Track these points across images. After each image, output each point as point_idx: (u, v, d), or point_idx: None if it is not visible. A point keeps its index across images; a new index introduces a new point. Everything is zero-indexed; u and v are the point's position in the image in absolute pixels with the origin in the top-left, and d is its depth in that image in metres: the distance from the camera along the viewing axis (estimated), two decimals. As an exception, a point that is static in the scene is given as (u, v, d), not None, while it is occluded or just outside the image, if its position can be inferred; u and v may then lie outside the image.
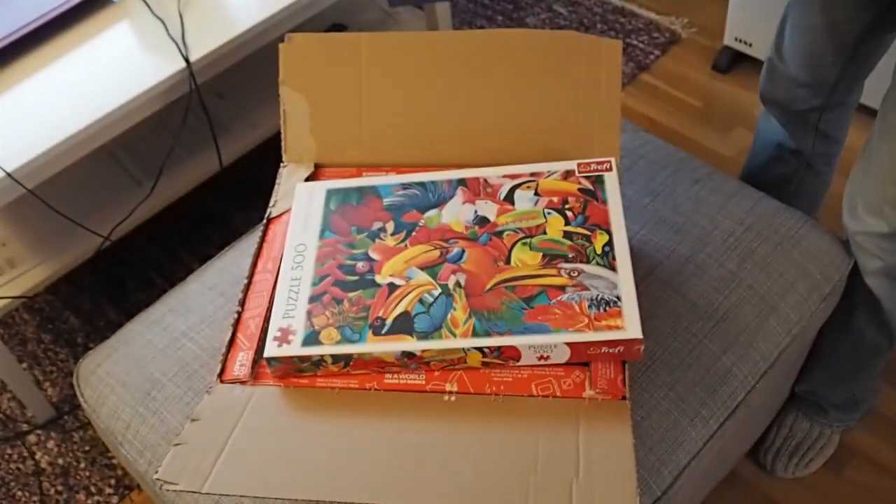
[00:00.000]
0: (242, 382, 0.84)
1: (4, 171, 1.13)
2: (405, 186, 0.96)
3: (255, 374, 0.85)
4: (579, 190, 0.92)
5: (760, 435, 1.33)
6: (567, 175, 0.94)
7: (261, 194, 1.03)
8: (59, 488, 1.42)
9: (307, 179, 1.02)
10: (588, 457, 0.76)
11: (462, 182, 0.95)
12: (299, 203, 0.95)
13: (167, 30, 1.29)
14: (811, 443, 1.31)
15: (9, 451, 1.48)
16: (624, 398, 0.80)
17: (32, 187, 1.17)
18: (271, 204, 1.01)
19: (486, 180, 0.95)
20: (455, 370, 0.84)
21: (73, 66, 1.27)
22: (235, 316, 0.89)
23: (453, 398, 0.82)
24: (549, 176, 0.94)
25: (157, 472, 0.78)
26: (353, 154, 1.04)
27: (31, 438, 1.49)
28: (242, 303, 0.91)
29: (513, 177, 0.95)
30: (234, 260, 1.09)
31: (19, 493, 1.43)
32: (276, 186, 1.03)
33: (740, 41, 1.87)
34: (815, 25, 1.11)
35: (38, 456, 1.47)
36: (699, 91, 1.91)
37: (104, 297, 1.66)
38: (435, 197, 0.95)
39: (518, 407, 0.81)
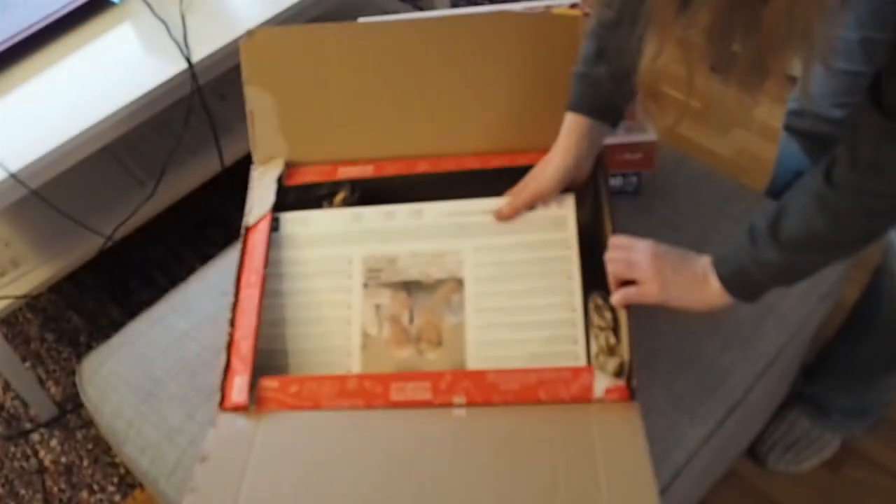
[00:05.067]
0: (244, 409, 0.82)
1: (8, 171, 1.14)
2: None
3: (255, 399, 0.82)
4: None
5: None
6: None
7: (262, 194, 1.03)
8: (63, 486, 1.43)
9: (279, 179, 0.98)
10: (608, 469, 0.74)
11: None
12: None
13: (169, 31, 1.29)
14: (809, 442, 1.31)
15: (12, 449, 1.48)
16: (632, 398, 0.79)
17: (36, 188, 1.17)
18: (247, 212, 0.97)
19: None
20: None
21: (76, 67, 1.28)
22: (227, 338, 0.87)
23: (462, 412, 0.79)
24: None
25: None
26: (325, 149, 1.00)
27: (35, 437, 1.49)
28: (232, 322, 0.88)
29: None
30: (235, 260, 1.09)
31: (23, 492, 1.43)
32: (248, 193, 0.98)
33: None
34: (853, 69, 1.07)
35: (41, 454, 1.47)
36: (697, 92, 1.91)
37: (107, 297, 1.67)
38: None
39: (528, 416, 0.78)
